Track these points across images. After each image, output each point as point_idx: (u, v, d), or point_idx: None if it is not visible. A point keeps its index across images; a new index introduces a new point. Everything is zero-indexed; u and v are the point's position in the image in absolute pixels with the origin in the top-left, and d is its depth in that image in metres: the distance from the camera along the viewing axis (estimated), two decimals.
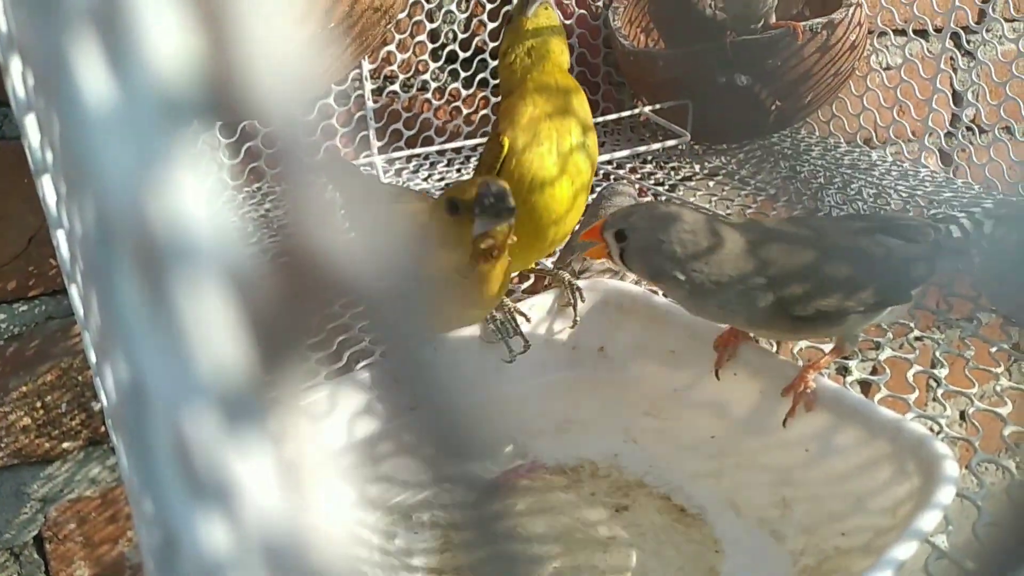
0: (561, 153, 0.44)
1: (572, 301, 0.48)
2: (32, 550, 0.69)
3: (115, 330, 0.10)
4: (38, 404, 0.67)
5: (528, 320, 0.46)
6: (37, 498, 0.68)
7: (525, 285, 0.55)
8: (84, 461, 0.70)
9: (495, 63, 0.77)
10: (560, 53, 0.47)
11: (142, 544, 0.21)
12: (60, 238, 0.32)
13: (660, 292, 0.48)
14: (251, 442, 0.07)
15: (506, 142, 0.44)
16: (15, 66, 0.28)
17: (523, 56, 0.46)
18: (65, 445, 0.68)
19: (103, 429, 0.69)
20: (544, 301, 0.48)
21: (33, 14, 0.10)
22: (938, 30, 0.80)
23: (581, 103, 0.46)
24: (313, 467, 0.09)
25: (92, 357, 0.32)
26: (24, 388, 0.66)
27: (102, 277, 0.10)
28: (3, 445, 0.66)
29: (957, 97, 0.83)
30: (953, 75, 0.83)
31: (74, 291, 0.32)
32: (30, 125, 0.29)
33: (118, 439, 0.25)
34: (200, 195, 0.07)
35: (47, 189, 0.30)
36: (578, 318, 0.47)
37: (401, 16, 0.71)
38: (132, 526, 0.72)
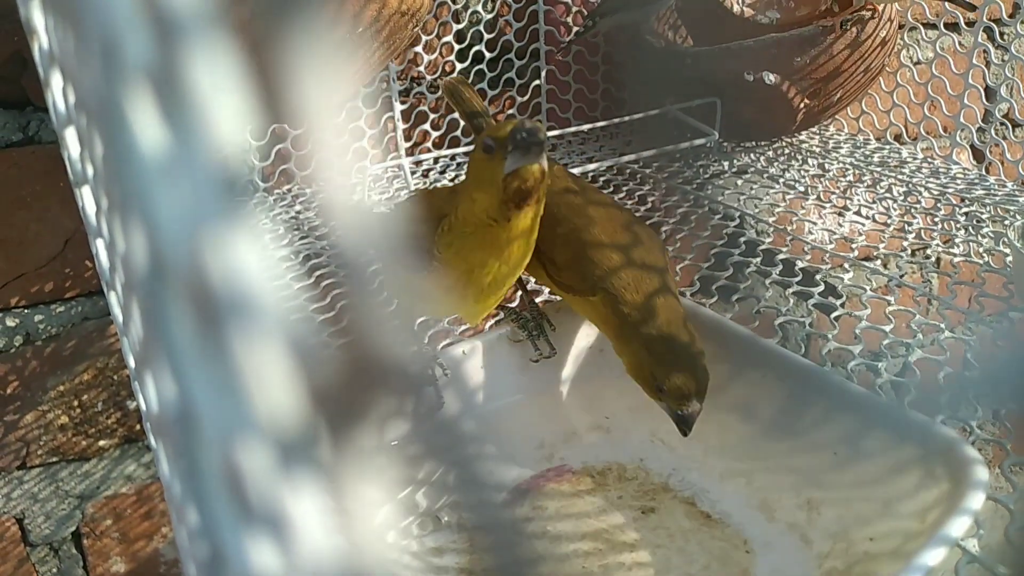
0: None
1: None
2: (71, 545, 0.71)
3: (164, 354, 0.11)
4: (75, 403, 0.68)
5: (554, 328, 0.47)
6: (75, 495, 0.70)
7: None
8: (120, 458, 0.71)
9: (521, 63, 0.78)
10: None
11: (182, 548, 0.22)
12: (99, 247, 0.32)
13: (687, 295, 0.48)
14: (304, 482, 0.07)
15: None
16: (56, 81, 0.29)
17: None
18: (101, 443, 0.70)
19: (138, 427, 0.71)
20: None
21: (86, 58, 0.10)
22: (970, 24, 0.79)
23: None
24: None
25: (131, 362, 0.32)
26: (61, 387, 0.68)
27: (153, 307, 0.10)
28: (42, 443, 0.68)
29: (990, 92, 0.82)
30: (986, 70, 0.82)
31: (113, 298, 0.33)
32: (70, 138, 0.30)
33: (157, 442, 0.26)
34: (256, 252, 0.07)
35: (87, 199, 0.30)
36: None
37: (427, 17, 0.71)
38: (166, 522, 0.73)
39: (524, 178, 0.36)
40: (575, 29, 0.77)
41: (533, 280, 0.50)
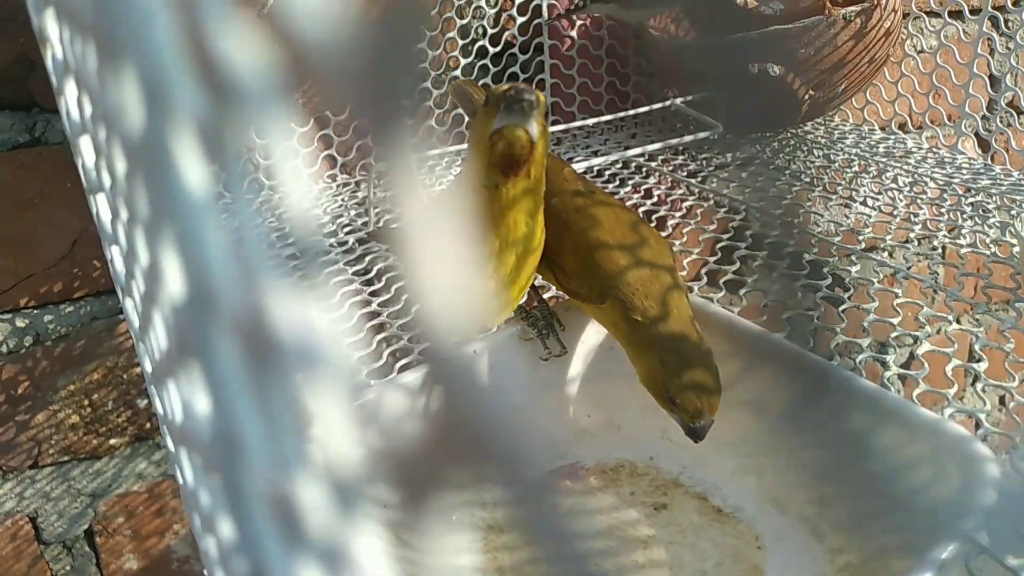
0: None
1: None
2: (83, 543, 0.71)
3: (202, 377, 0.11)
4: (85, 402, 0.69)
5: (563, 327, 0.47)
6: (87, 493, 0.70)
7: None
8: (131, 457, 0.71)
9: (525, 57, 0.78)
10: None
11: (209, 558, 0.22)
12: (115, 253, 0.32)
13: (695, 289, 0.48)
14: (359, 522, 0.08)
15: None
16: (70, 90, 0.29)
17: None
18: (112, 441, 0.70)
19: (148, 425, 0.71)
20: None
21: (116, 86, 0.11)
22: (975, 12, 0.79)
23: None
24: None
25: (147, 366, 0.33)
26: (72, 387, 0.68)
27: (192, 331, 0.11)
28: (53, 442, 0.68)
29: (994, 81, 0.82)
30: (990, 58, 0.81)
31: (129, 304, 0.33)
32: (85, 146, 0.30)
33: (178, 450, 0.26)
34: (318, 305, 0.07)
35: (102, 207, 0.30)
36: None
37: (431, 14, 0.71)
38: (178, 519, 0.74)
39: (509, 140, 0.36)
40: (567, 9, 0.77)
41: (540, 278, 0.50)
